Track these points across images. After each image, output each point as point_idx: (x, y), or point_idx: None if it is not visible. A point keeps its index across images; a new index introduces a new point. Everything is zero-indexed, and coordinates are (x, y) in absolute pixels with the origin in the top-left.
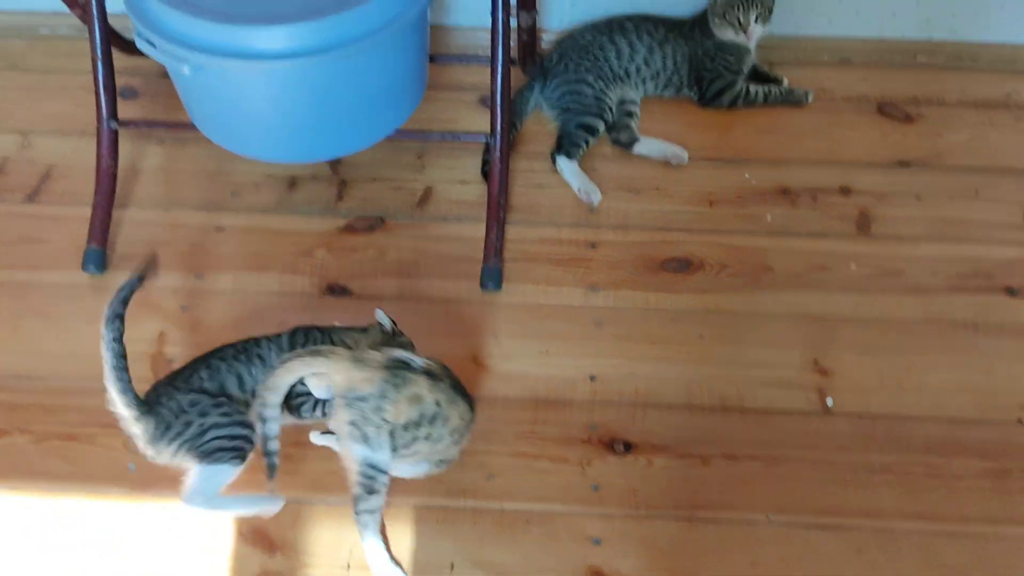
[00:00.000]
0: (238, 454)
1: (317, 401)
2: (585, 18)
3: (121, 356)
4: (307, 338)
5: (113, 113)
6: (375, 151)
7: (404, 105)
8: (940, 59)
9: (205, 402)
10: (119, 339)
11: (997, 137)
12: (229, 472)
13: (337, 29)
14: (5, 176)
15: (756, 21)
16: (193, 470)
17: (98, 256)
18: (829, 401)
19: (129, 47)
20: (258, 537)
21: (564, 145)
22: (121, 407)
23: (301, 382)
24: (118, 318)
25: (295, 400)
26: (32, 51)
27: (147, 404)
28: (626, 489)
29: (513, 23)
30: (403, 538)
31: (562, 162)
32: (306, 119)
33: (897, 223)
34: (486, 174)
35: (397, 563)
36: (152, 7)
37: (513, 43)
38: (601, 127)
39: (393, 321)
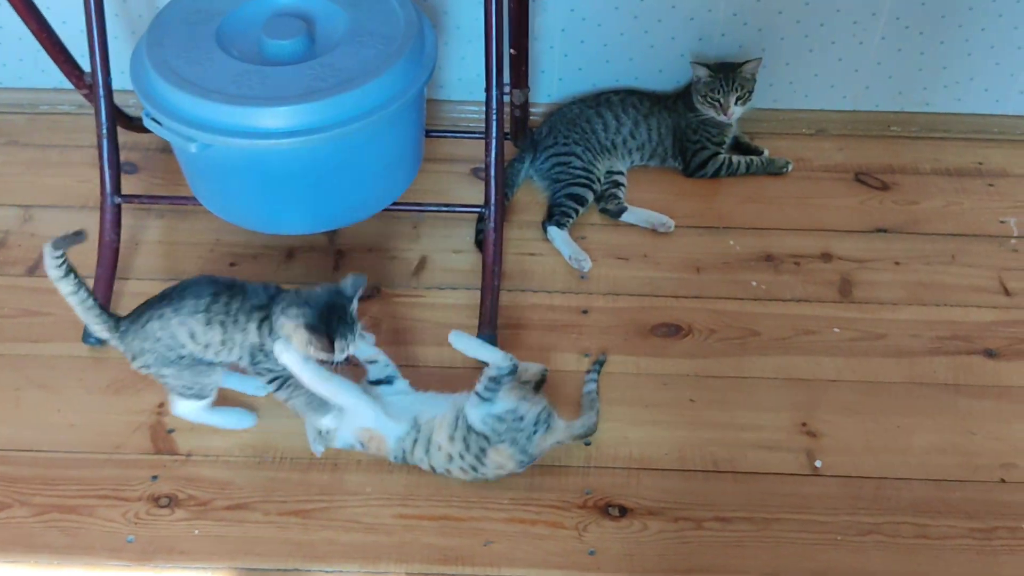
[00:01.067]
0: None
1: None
2: (572, 93)
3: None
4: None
5: (117, 189)
6: (371, 222)
7: (401, 179)
8: (913, 129)
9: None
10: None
11: (970, 203)
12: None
13: (338, 109)
14: (7, 250)
15: (736, 103)
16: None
17: None
18: (818, 463)
19: (132, 124)
20: None
21: (555, 215)
22: (103, 333)
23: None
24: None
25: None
26: (32, 127)
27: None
28: (622, 554)
29: (506, 99)
30: None
31: (553, 231)
32: (307, 193)
33: (877, 288)
34: (480, 243)
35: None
36: (159, 88)
37: (506, 118)
38: (590, 197)
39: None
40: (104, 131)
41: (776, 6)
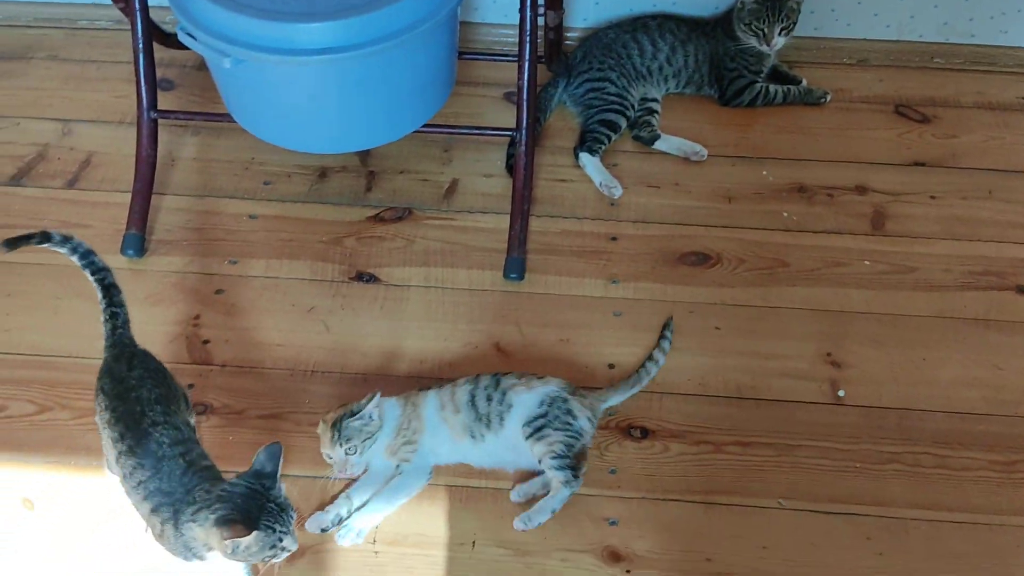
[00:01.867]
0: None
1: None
2: (609, 17)
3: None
4: None
5: (153, 104)
6: (403, 144)
7: (433, 100)
8: (957, 62)
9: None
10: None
11: (1012, 139)
12: None
13: (371, 26)
14: (46, 163)
15: (780, 34)
16: None
17: (137, 241)
18: (841, 392)
19: (168, 40)
20: None
21: (587, 141)
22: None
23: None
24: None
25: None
26: (71, 42)
27: None
28: (642, 473)
29: (540, 21)
30: (430, 515)
31: (584, 157)
32: (338, 112)
33: (911, 221)
34: (510, 168)
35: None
36: (195, 3)
37: (540, 41)
38: (623, 124)
39: None
40: (140, 46)
41: None
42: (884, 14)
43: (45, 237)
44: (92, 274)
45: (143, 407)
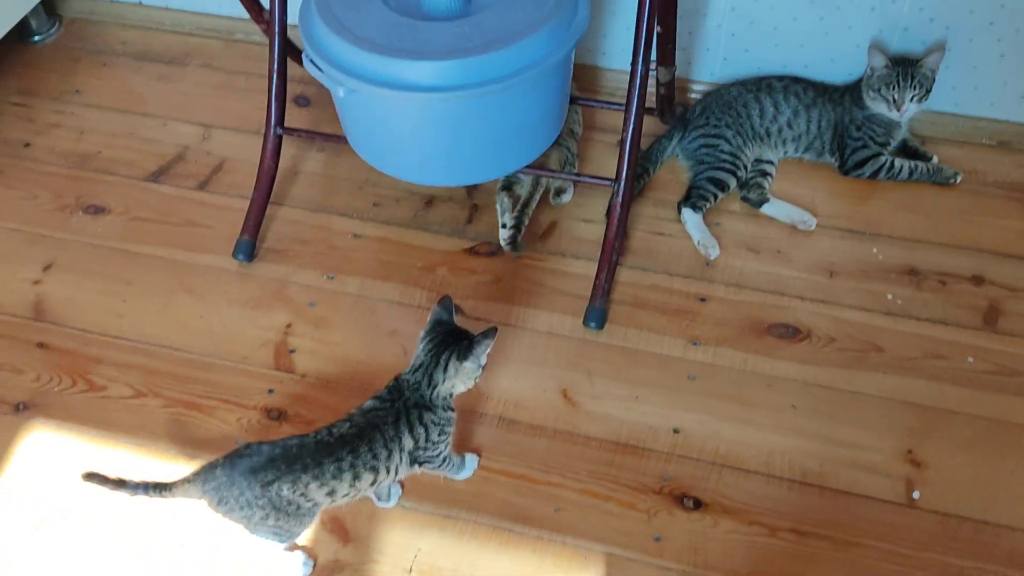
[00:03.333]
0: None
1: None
2: (736, 74)
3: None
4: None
5: (280, 120)
6: None
7: (538, 141)
8: None
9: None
10: None
11: None
12: None
13: (480, 69)
14: (184, 164)
15: (912, 100)
16: None
17: (248, 247)
18: (916, 494)
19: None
20: (336, 526)
21: (692, 197)
22: None
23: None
24: None
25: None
26: (226, 52)
27: None
28: (687, 546)
29: (654, 75)
30: (466, 552)
31: (687, 213)
32: (443, 147)
33: None
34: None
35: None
36: (319, 31)
37: (655, 93)
38: (732, 183)
39: None
40: (275, 66)
41: (968, 5)
42: None
43: (120, 484)
44: None
45: None
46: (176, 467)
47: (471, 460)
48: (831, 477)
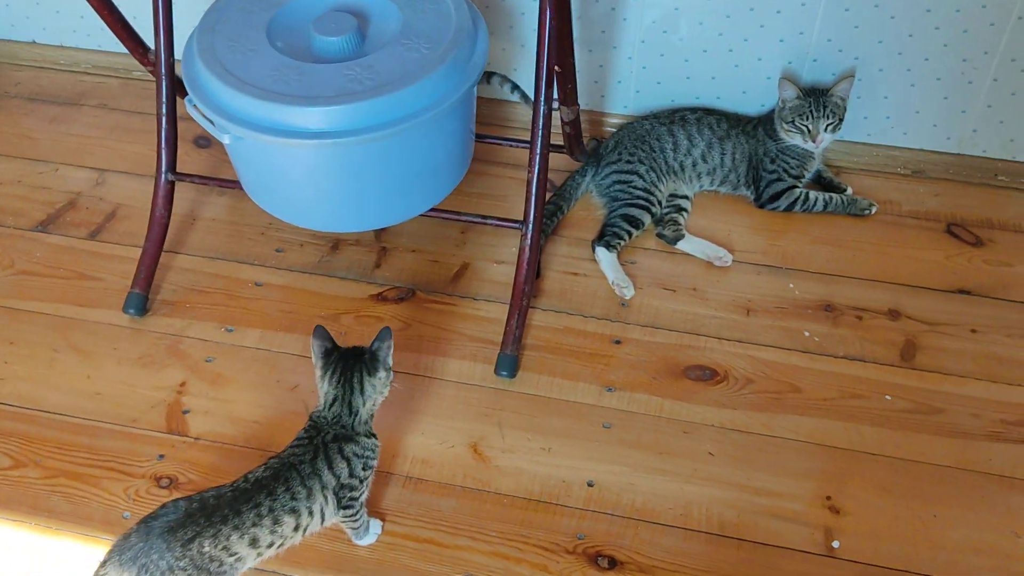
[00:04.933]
0: None
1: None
2: (650, 107)
3: None
4: None
5: (172, 166)
6: (421, 222)
7: (442, 184)
8: (1023, 181)
9: None
10: None
11: None
12: None
13: (368, 113)
14: (75, 211)
15: (826, 130)
16: None
17: (139, 300)
18: (835, 543)
19: None
20: None
21: (606, 235)
22: None
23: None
24: None
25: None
26: (124, 92)
27: None
28: None
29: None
30: None
31: (601, 253)
32: (338, 193)
33: (945, 356)
34: None
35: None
36: (202, 75)
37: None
38: (647, 220)
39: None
40: (163, 109)
41: (876, 35)
42: (944, 126)
43: None
44: None
45: None
46: (59, 543)
47: (374, 525)
48: (749, 528)
